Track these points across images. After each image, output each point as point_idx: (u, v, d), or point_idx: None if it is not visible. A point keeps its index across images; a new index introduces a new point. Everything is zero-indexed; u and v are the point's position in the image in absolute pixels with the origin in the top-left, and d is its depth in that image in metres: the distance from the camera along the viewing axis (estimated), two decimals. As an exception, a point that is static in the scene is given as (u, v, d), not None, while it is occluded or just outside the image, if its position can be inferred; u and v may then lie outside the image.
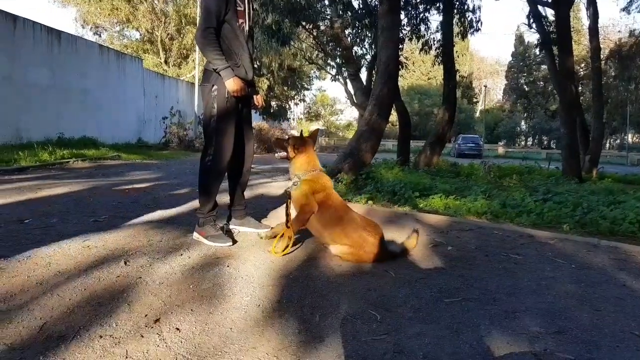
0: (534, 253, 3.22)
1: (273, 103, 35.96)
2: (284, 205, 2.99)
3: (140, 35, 32.45)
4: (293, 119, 49.63)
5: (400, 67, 11.61)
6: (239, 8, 2.96)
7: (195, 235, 3.08)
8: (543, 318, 2.05)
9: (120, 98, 17.20)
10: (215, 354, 1.64)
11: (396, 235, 3.50)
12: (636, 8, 17.37)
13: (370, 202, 5.40)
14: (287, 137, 3.11)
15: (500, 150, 37.73)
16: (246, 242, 3.16)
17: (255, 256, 2.84)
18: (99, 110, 15.60)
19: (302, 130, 3.28)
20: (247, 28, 3.06)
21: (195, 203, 3.38)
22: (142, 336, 1.74)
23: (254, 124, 3.32)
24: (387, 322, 1.96)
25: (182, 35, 30.35)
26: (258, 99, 3.35)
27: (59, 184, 5.75)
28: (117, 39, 32.62)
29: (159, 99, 20.64)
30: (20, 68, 12.11)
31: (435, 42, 14.43)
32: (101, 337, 1.71)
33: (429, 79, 50.67)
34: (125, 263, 2.56)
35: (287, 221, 2.90)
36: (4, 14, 11.67)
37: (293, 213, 2.95)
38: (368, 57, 16.96)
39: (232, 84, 2.90)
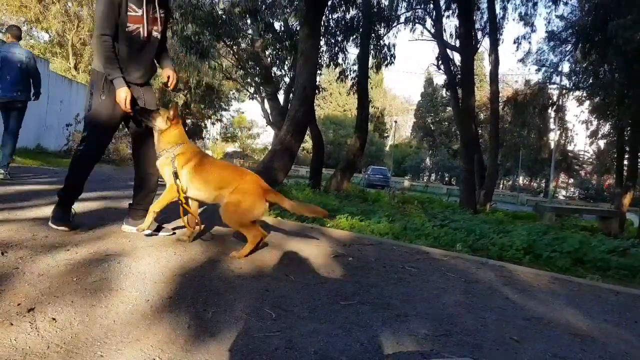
0: (428, 267, 3.41)
1: (188, 121, 34.98)
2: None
3: (50, 37, 30.28)
4: (209, 139, 48.59)
5: (317, 91, 11.95)
6: (131, 13, 2.92)
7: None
8: (432, 322, 2.16)
9: (17, 100, 15.65)
10: (94, 344, 1.54)
11: (301, 246, 3.53)
12: (531, 61, 19.45)
13: (279, 217, 5.41)
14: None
15: (406, 183, 39.72)
16: (143, 242, 3.02)
17: (151, 255, 2.72)
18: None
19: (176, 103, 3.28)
20: (144, 33, 3.01)
21: (88, 204, 3.20)
22: (12, 324, 1.60)
23: None
24: (282, 320, 1.97)
25: (95, 41, 28.70)
26: (171, 76, 3.33)
27: None
28: (24, 38, 30.16)
29: (64, 105, 19.19)
30: None
31: (351, 72, 15.07)
32: (-39, 323, 1.54)
33: (344, 110, 52.33)
34: (2, 254, 2.34)
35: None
36: None
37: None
38: (287, 78, 17.26)
39: (118, 95, 2.90)
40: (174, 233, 3.34)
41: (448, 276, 3.18)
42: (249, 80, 19.73)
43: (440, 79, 55.82)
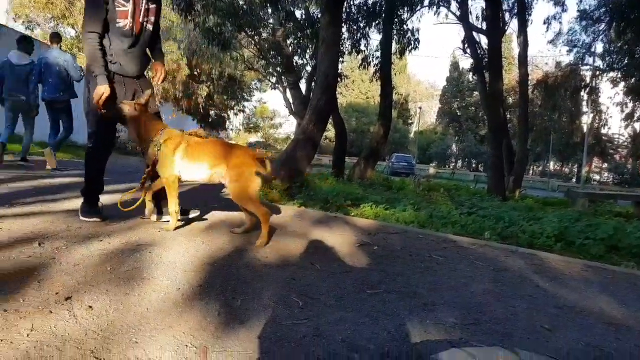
0: (455, 255, 3.38)
1: (212, 112, 35.23)
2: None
3: (76, 32, 30.83)
4: (231, 130, 48.91)
5: (339, 79, 11.85)
6: (120, 8, 2.96)
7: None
8: (460, 311, 2.15)
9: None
10: (128, 331, 1.60)
11: (326, 235, 3.55)
12: (562, 42, 18.90)
13: (302, 207, 5.44)
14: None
15: (432, 170, 39.22)
16: (172, 232, 3.09)
17: (180, 244, 2.79)
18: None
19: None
20: (135, 27, 3.06)
21: (117, 196, 3.30)
22: (51, 312, 1.66)
23: (190, 129, 3.39)
24: (309, 308, 1.99)
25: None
26: (159, 70, 3.41)
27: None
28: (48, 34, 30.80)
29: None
30: None
31: (374, 59, 14.89)
32: (5, 310, 1.63)
33: (367, 97, 51.94)
34: (39, 244, 2.44)
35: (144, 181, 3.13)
36: None
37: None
38: (308, 67, 17.19)
39: (96, 90, 2.94)
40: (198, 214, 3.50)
41: (476, 264, 3.15)
42: (270, 70, 19.73)
43: (466, 62, 54.82)
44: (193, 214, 3.47)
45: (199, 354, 1.50)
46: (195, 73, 29.86)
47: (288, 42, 15.95)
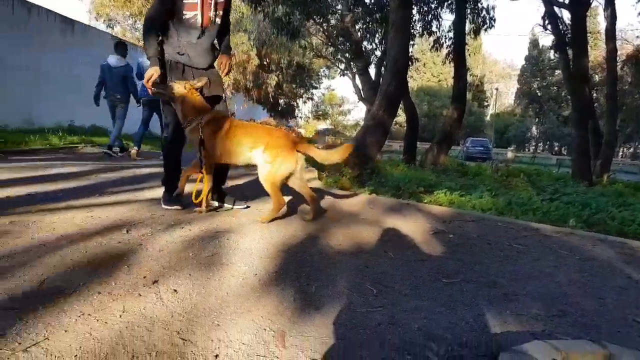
0: (537, 244, 3.20)
1: (281, 100, 35.87)
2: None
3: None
4: (300, 117, 49.54)
5: (410, 63, 11.59)
6: (187, 1, 3.04)
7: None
8: (543, 302, 2.04)
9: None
10: (210, 314, 1.67)
11: (399, 222, 3.50)
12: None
13: (373, 194, 5.40)
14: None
15: (510, 154, 37.41)
16: (247, 219, 3.20)
17: (256, 232, 2.88)
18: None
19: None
20: (202, 20, 3.12)
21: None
22: (140, 295, 1.78)
23: (260, 119, 3.50)
24: (384, 296, 1.97)
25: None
26: (224, 63, 3.49)
27: (68, 165, 5.80)
28: (130, 31, 32.73)
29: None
30: (34, 56, 12.06)
31: (446, 40, 14.39)
32: (99, 293, 1.75)
33: (439, 80, 50.45)
34: (127, 231, 2.62)
35: (201, 165, 3.16)
36: (19, 2, 11.63)
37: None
38: (378, 52, 16.93)
39: (147, 72, 3.06)
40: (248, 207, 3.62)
41: (560, 253, 2.96)
42: (339, 56, 19.71)
43: (547, 40, 51.51)
44: (237, 205, 3.58)
45: (277, 338, 1.53)
46: (265, 63, 30.49)
47: (357, 27, 15.82)
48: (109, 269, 2.01)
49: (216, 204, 3.53)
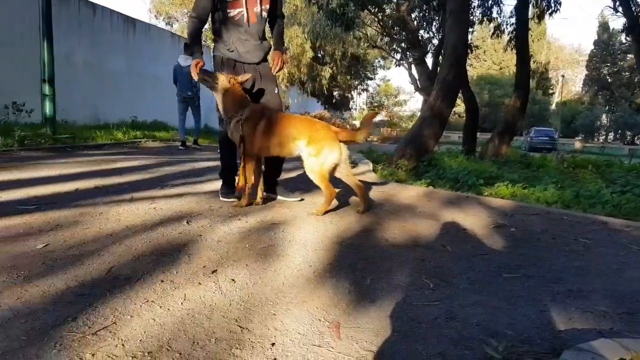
0: (606, 239, 3.01)
1: (335, 93, 35.85)
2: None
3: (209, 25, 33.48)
4: (355, 109, 49.32)
5: (469, 51, 11.22)
6: None
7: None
8: (612, 299, 1.91)
9: (191, 85, 17.81)
10: (267, 303, 1.70)
11: (457, 215, 3.41)
12: None
13: (430, 186, 5.30)
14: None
15: (577, 144, 35.42)
16: (302, 211, 3.23)
17: (310, 224, 2.90)
18: (170, 96, 16.22)
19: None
20: (248, 16, 3.17)
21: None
22: (200, 283, 1.84)
23: (315, 112, 3.53)
24: (441, 290, 1.93)
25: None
26: (276, 59, 3.47)
27: (131, 159, 6.13)
28: (185, 29, 33.88)
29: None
30: (99, 55, 12.79)
31: (508, 26, 13.80)
32: (162, 281, 1.84)
33: (500, 68, 48.56)
34: (187, 223, 2.73)
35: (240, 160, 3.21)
36: (85, 2, 12.35)
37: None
38: (435, 41, 16.52)
39: (192, 63, 3.18)
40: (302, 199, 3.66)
41: (631, 249, 2.76)
42: (394, 46, 19.41)
43: (617, 23, 48.23)
44: (291, 197, 3.62)
45: (332, 329, 1.53)
46: (319, 55, 30.56)
47: (413, 16, 15.53)
48: (170, 259, 2.09)
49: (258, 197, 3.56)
